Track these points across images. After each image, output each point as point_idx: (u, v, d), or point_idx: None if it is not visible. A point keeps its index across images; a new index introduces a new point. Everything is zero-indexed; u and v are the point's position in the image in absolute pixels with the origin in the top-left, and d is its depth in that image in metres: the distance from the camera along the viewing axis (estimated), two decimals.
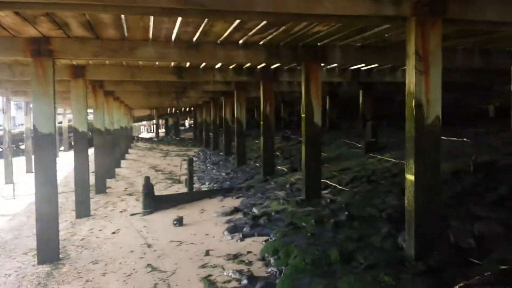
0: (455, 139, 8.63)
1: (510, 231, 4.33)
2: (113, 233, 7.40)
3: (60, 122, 27.79)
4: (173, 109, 33.40)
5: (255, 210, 7.34)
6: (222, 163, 14.74)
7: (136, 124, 42.71)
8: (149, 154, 23.10)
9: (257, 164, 12.31)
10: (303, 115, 7.06)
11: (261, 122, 10.12)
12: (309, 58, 6.91)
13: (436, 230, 4.24)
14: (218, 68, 9.68)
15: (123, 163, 18.28)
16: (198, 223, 7.36)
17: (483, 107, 13.08)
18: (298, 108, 23.92)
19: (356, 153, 10.08)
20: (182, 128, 42.65)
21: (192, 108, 31.06)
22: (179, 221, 7.29)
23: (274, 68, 9.73)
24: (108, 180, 14.14)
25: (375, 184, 7.12)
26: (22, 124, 27.19)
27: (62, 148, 27.98)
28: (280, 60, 6.91)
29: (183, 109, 33.51)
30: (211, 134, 21.02)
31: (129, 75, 9.19)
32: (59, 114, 26.93)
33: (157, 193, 9.44)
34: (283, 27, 5.70)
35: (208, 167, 14.41)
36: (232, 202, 8.50)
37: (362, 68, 10.43)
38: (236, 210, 7.70)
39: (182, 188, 11.62)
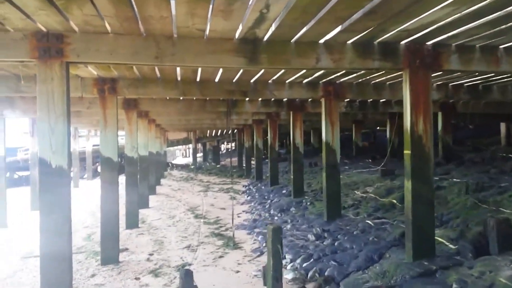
0: None
1: None
2: None
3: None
4: (213, 131, 28.90)
5: None
6: (294, 210, 9.78)
7: (171, 148, 38.59)
8: (186, 186, 18.43)
9: (370, 222, 7.23)
10: None
11: (408, 152, 5.17)
12: None
13: None
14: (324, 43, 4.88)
15: (152, 200, 13.66)
16: None
17: None
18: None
19: None
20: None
21: (235, 130, 26.42)
22: None
23: None
24: (127, 231, 9.52)
25: None
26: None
27: (85, 176, 23.94)
28: None
29: (224, 131, 28.96)
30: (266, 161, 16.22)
31: (154, 54, 4.52)
32: (81, 136, 22.91)
33: (201, 272, 4.81)
34: None
35: (276, 217, 9.46)
36: None
37: None
38: None
39: (243, 263, 6.75)
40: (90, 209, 12.62)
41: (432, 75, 5.44)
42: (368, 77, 7.56)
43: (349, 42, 4.86)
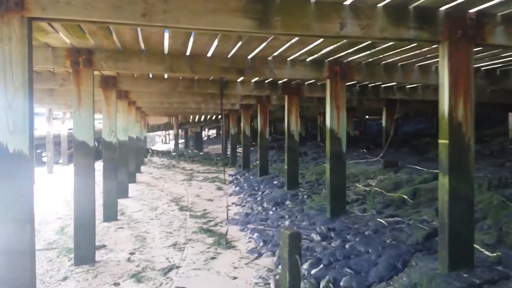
0: None
1: None
2: None
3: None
4: (197, 116, 27.81)
5: None
6: (290, 204, 8.92)
7: (150, 134, 37.28)
8: (168, 174, 17.41)
9: (382, 221, 6.41)
10: None
11: (446, 141, 4.33)
12: None
13: None
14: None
15: (132, 188, 12.64)
16: None
17: None
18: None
19: None
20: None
21: (219, 116, 25.41)
22: None
23: None
24: (105, 225, 8.55)
25: None
26: None
27: (60, 161, 22.63)
28: None
29: (208, 117, 27.93)
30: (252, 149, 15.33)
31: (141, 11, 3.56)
32: (55, 118, 21.53)
33: (192, 278, 4.60)
34: None
35: (270, 212, 8.59)
36: None
37: None
38: None
39: (239, 267, 5.87)
40: (64, 197, 11.55)
41: None
42: (380, 56, 6.71)
43: (380, 5, 3.97)
